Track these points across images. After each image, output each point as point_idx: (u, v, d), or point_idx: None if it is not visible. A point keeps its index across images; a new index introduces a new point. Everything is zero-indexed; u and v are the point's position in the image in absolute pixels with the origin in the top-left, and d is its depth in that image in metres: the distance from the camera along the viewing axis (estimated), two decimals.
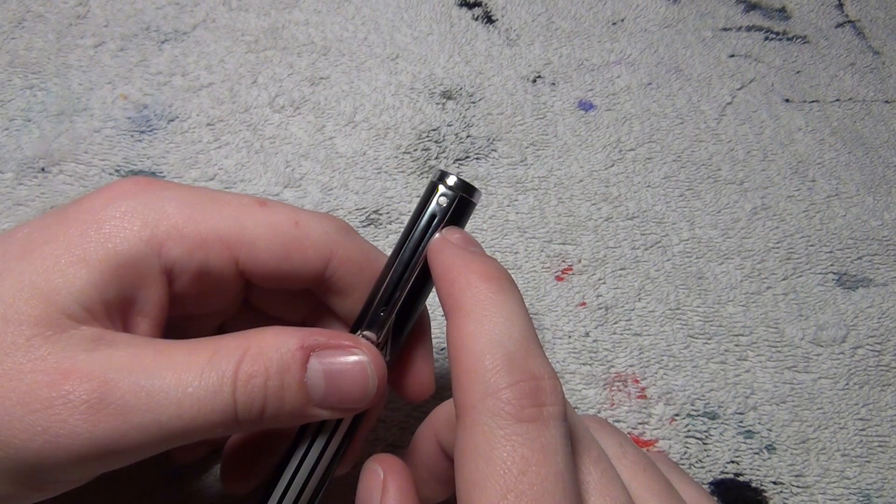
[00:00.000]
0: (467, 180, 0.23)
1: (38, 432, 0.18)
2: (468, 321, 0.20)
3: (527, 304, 0.35)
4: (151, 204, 0.21)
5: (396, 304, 0.23)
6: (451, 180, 0.23)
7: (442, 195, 0.23)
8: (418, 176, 0.39)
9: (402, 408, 0.31)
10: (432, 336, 0.26)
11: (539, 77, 0.45)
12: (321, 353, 0.21)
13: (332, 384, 0.21)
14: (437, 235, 0.23)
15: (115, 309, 0.20)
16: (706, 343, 0.35)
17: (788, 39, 0.50)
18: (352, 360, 0.21)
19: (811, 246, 0.39)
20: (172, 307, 0.22)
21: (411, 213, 0.23)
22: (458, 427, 0.19)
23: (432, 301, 0.32)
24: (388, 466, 0.22)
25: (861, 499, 0.31)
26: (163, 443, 0.19)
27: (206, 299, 0.23)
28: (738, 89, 0.47)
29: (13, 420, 0.18)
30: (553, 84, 0.45)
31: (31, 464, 0.18)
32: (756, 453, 0.32)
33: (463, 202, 0.23)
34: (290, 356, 0.20)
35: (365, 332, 0.23)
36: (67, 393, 0.18)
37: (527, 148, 0.41)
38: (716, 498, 0.31)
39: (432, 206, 0.23)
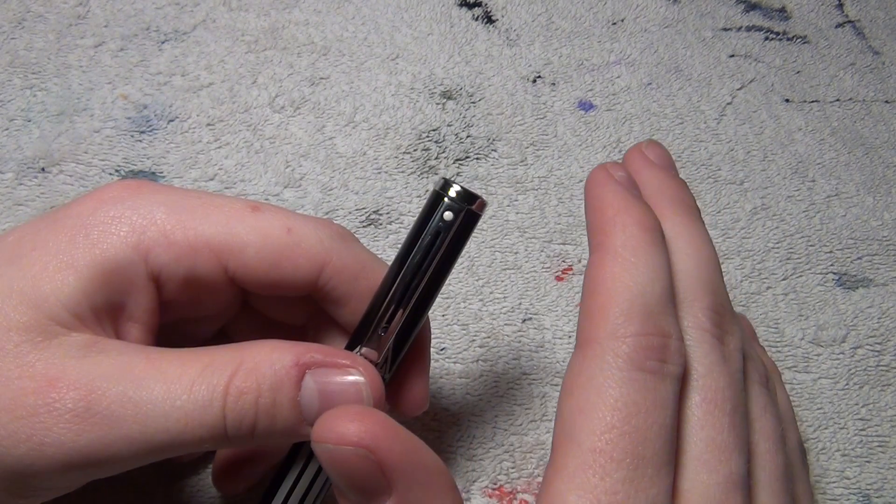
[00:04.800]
0: (471, 189, 0.21)
1: (22, 439, 0.18)
2: (615, 262, 0.20)
3: (527, 304, 0.35)
4: (140, 209, 0.21)
5: (398, 325, 0.22)
6: (456, 191, 0.21)
7: (447, 209, 0.21)
8: (418, 176, 0.39)
9: None
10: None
11: (539, 77, 0.45)
12: (317, 371, 0.20)
13: (327, 404, 0.20)
14: (601, 165, 0.22)
15: (104, 315, 0.20)
16: None
17: (788, 39, 0.50)
18: (348, 380, 0.20)
19: (811, 246, 0.39)
20: (164, 313, 0.22)
21: (413, 225, 0.22)
22: (576, 356, 0.20)
23: (433, 314, 0.31)
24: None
25: (861, 499, 0.31)
26: (149, 455, 0.19)
27: (198, 304, 0.23)
28: (738, 89, 0.47)
29: None
30: (553, 84, 0.45)
31: (14, 470, 0.18)
32: None
33: (469, 216, 0.21)
34: (285, 373, 0.19)
35: (364, 350, 0.22)
36: (53, 401, 0.18)
37: (527, 148, 0.41)
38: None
39: (436, 221, 0.21)
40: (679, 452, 0.19)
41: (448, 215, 0.21)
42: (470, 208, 0.21)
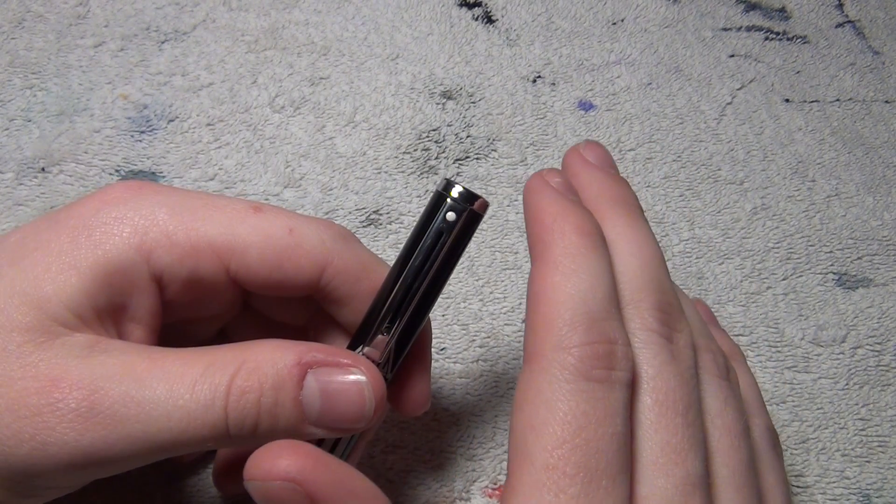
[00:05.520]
0: (473, 190, 0.22)
1: (25, 439, 0.18)
2: (555, 272, 0.20)
3: (526, 305, 0.35)
4: (142, 210, 0.21)
5: (400, 325, 0.22)
6: (458, 191, 0.21)
7: (449, 209, 0.21)
8: (418, 176, 0.39)
9: None
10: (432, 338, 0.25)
11: (539, 77, 0.45)
12: (319, 370, 0.20)
13: (328, 403, 0.20)
14: (537, 173, 0.22)
15: (107, 315, 0.20)
16: None
17: (788, 39, 0.50)
18: (350, 379, 0.20)
19: (811, 246, 0.39)
20: (166, 313, 0.22)
21: (415, 226, 0.22)
22: (524, 371, 0.19)
23: (433, 314, 0.31)
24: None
25: (861, 499, 0.31)
26: (152, 454, 0.19)
27: (200, 305, 0.23)
28: (738, 89, 0.47)
29: (1, 426, 0.18)
30: (553, 84, 0.45)
31: (18, 470, 0.18)
32: None
33: (472, 216, 0.22)
34: (287, 372, 0.20)
35: (366, 350, 0.22)
36: (57, 401, 0.18)
37: (527, 148, 0.41)
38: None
39: (438, 222, 0.21)
40: (634, 458, 0.19)
41: (450, 216, 0.21)
42: (472, 208, 0.22)
